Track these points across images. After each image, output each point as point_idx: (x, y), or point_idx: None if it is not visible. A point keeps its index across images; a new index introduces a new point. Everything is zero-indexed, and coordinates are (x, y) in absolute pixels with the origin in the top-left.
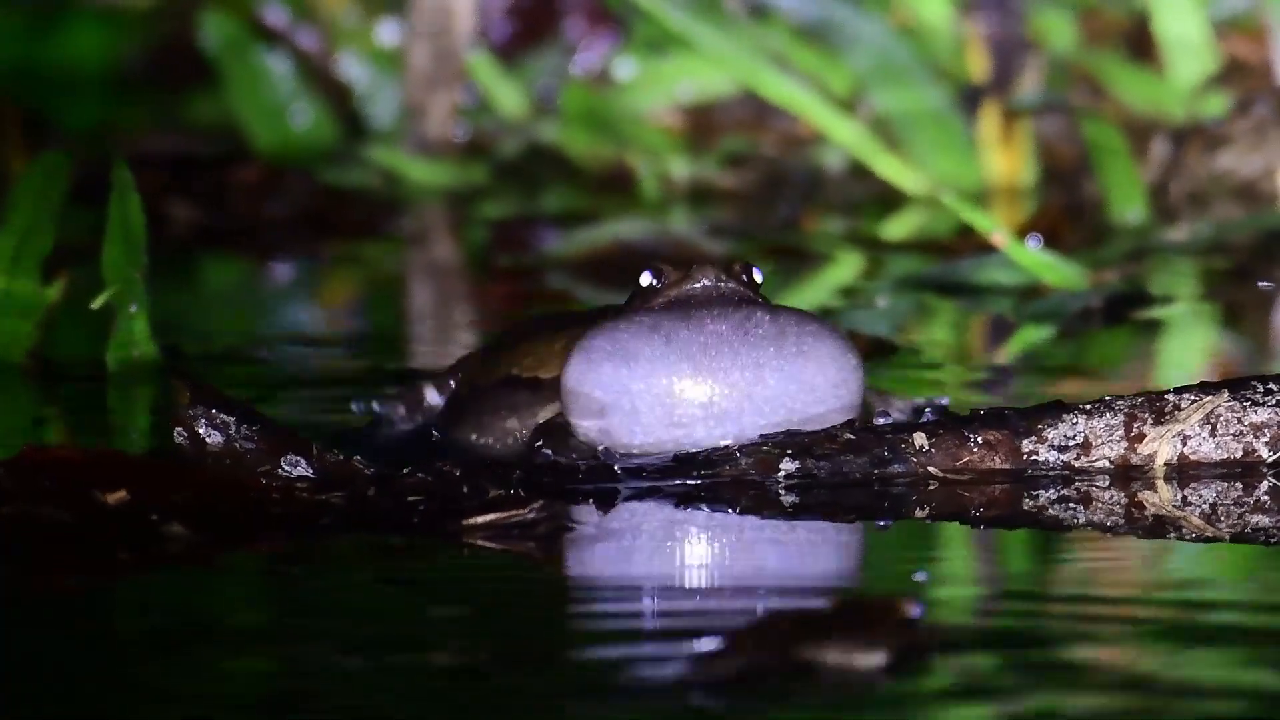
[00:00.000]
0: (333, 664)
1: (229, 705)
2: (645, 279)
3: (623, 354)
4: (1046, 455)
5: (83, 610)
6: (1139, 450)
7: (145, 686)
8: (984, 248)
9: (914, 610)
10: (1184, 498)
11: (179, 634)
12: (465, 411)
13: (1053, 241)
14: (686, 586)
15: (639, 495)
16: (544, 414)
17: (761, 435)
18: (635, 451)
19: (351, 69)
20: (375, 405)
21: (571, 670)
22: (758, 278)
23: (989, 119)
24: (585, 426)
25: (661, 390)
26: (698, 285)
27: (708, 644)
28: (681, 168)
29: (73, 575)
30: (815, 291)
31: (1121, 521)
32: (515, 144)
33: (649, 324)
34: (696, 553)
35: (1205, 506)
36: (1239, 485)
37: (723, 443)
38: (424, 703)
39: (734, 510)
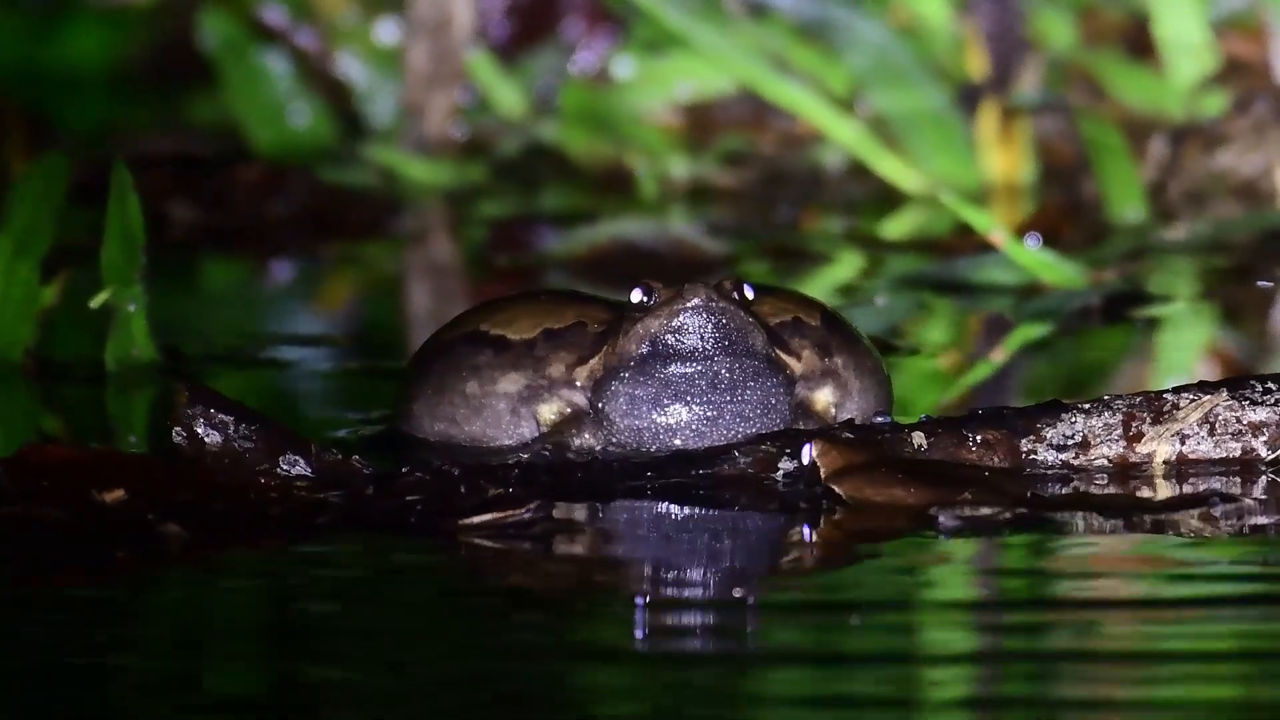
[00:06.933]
0: (331, 664)
1: (228, 705)
2: (636, 296)
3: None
4: (1045, 454)
5: (80, 610)
6: (1137, 449)
7: (143, 686)
8: (983, 247)
9: None
10: (1182, 496)
11: (177, 633)
12: (428, 370)
13: (1051, 240)
14: (681, 584)
15: (637, 494)
16: (504, 384)
17: (760, 433)
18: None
19: (350, 68)
20: None
21: (571, 670)
22: (749, 294)
23: (988, 118)
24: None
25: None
26: (689, 304)
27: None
28: (680, 167)
29: (71, 575)
30: (814, 291)
31: (1120, 520)
32: (514, 143)
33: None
34: (693, 551)
35: (1203, 505)
36: (1237, 484)
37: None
38: (424, 703)
39: (732, 509)
